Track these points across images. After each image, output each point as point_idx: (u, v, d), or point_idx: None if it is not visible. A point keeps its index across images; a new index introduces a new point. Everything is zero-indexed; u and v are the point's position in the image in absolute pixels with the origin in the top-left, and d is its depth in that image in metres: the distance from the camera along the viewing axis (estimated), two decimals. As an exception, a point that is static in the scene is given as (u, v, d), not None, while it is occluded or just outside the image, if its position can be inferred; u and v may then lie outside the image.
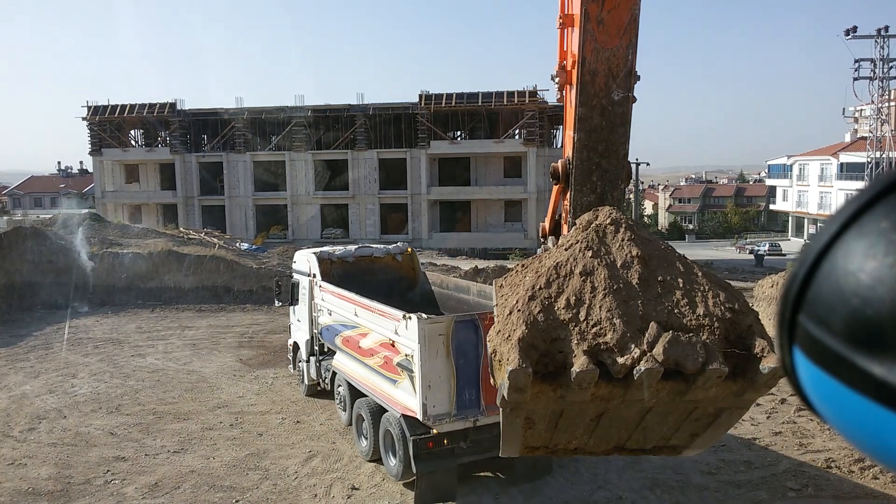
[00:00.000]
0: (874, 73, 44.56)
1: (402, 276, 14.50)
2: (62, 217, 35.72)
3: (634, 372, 3.28)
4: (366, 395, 11.15)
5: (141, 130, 57.04)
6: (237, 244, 38.81)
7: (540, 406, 3.52)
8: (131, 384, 16.25)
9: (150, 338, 21.50)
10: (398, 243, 15.16)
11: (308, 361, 14.43)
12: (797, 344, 0.67)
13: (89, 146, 53.52)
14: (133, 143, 56.95)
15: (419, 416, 9.12)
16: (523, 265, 4.10)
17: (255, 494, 10.31)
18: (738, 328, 3.45)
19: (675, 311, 3.45)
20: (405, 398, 9.56)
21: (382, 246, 14.95)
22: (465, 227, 50.85)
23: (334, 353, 12.93)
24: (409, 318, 9.11)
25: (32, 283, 26.68)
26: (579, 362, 3.30)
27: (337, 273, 13.75)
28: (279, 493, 10.32)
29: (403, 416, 9.55)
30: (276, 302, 16.13)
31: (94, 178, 58.50)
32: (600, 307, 3.38)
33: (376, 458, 10.88)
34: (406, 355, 9.33)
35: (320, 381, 14.01)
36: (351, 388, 11.99)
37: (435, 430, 9.21)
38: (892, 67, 44.57)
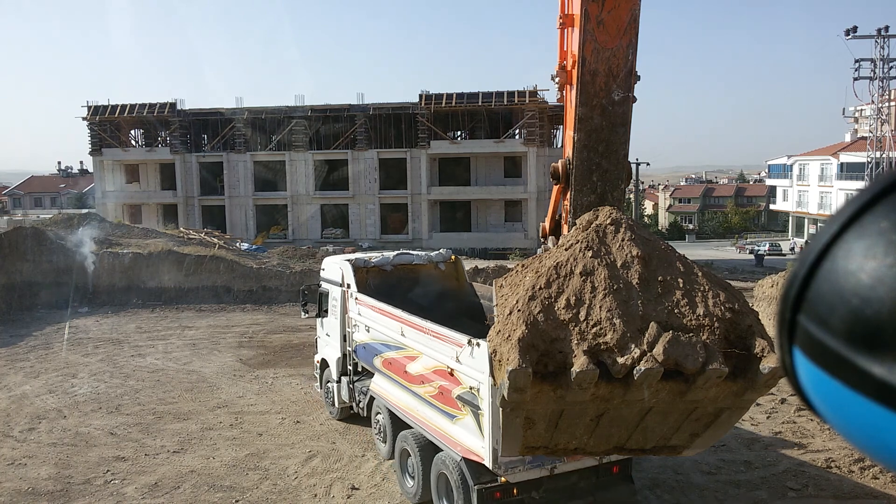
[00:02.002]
0: (874, 73, 44.55)
1: (445, 286, 12.78)
2: (62, 217, 35.73)
3: (634, 372, 3.28)
4: (412, 427, 9.86)
5: (141, 130, 57.03)
6: (237, 244, 38.81)
7: (540, 406, 3.52)
8: (131, 384, 16.25)
9: (150, 338, 21.50)
10: (441, 250, 13.60)
11: (339, 382, 13.01)
12: (797, 344, 0.67)
13: (89, 146, 53.50)
14: (133, 143, 56.95)
15: (487, 463, 7.82)
16: (523, 265, 4.10)
17: (255, 494, 10.31)
18: (738, 328, 3.45)
19: (676, 311, 3.44)
20: (467, 438, 8.22)
21: (423, 253, 13.52)
22: (465, 227, 50.85)
23: (371, 374, 11.65)
24: (478, 344, 7.64)
25: (32, 283, 26.68)
26: (579, 362, 3.30)
27: (373, 283, 12.29)
28: (279, 493, 10.32)
29: (465, 459, 8.29)
30: (303, 313, 14.49)
31: (94, 178, 58.50)
32: (600, 307, 3.38)
33: (427, 502, 9.53)
34: (470, 388, 8.00)
35: (354, 404, 12.60)
36: (393, 417, 10.63)
37: (503, 479, 7.97)
38: (892, 67, 44.56)
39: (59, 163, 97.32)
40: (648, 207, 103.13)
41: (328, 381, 13.72)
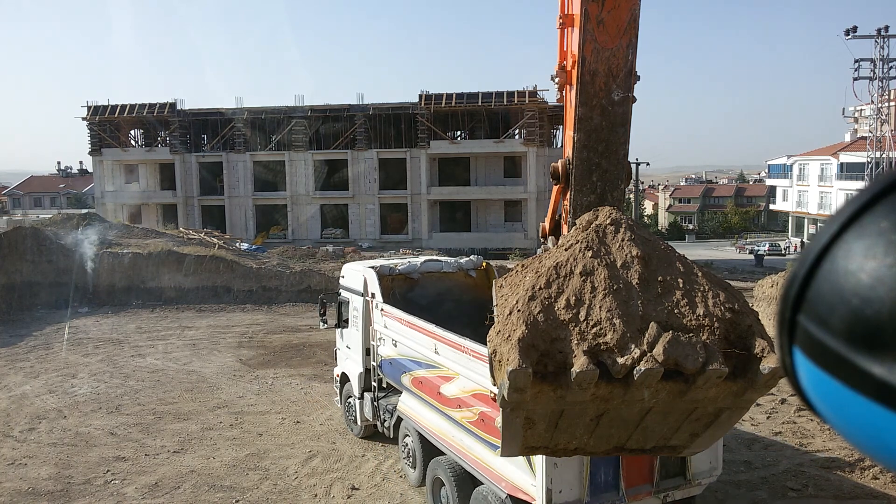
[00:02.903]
0: (874, 73, 44.54)
1: (477, 296, 11.50)
2: (62, 217, 35.72)
3: (634, 372, 3.28)
4: (446, 454, 9.06)
5: (141, 130, 57.00)
6: (237, 244, 38.80)
7: (540, 406, 3.52)
8: (131, 384, 16.25)
9: (150, 338, 21.50)
10: (472, 257, 12.72)
11: (361, 398, 12.11)
12: (797, 344, 0.67)
13: (89, 146, 53.47)
14: (133, 143, 56.93)
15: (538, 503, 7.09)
16: (523, 265, 4.10)
17: (255, 494, 10.31)
18: (738, 328, 3.45)
19: (675, 311, 3.44)
20: (514, 474, 7.50)
21: (453, 259, 12.62)
22: (464, 228, 50.84)
23: (399, 391, 10.90)
24: None
25: (32, 283, 26.68)
26: (579, 362, 3.30)
27: (399, 293, 11.46)
28: (279, 493, 10.32)
29: (511, 496, 7.57)
30: (321, 324, 13.72)
31: (93, 178, 58.47)
32: (600, 307, 3.38)
33: None
34: None
35: (378, 423, 11.76)
36: (424, 441, 9.80)
37: None
38: (892, 67, 44.56)
39: (59, 163, 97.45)
40: (648, 207, 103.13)
41: (349, 397, 12.76)
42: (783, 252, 52.71)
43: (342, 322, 12.87)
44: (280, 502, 10.08)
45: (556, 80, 4.50)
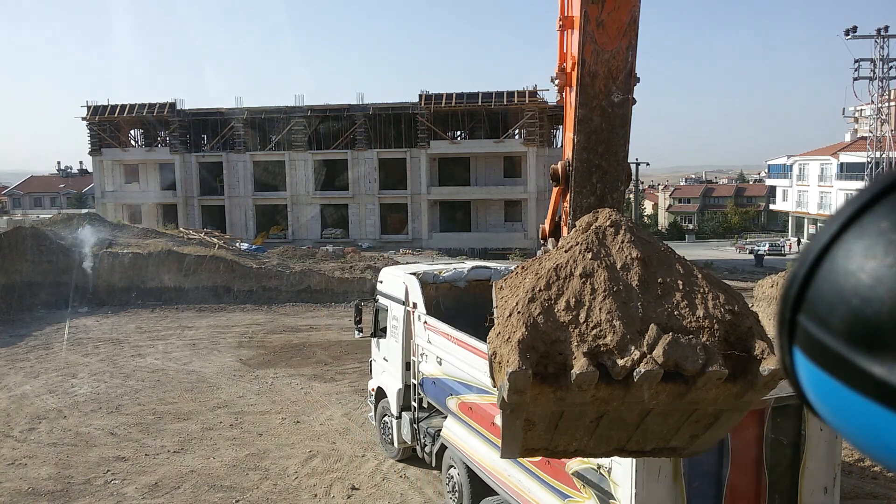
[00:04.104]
0: (874, 73, 44.55)
1: None
2: (62, 217, 35.73)
3: (634, 374, 3.28)
4: (500, 494, 8.08)
5: (140, 130, 57.02)
6: (237, 244, 38.80)
7: (540, 408, 3.52)
8: (131, 384, 16.25)
9: (150, 338, 21.50)
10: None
11: (399, 418, 11.10)
12: (797, 344, 0.67)
13: (89, 146, 53.48)
14: (133, 142, 56.95)
15: None
16: (523, 267, 4.10)
17: (255, 494, 10.31)
18: (738, 330, 3.46)
19: (675, 312, 3.45)
20: None
21: (503, 266, 11.66)
22: (464, 228, 50.85)
23: (442, 413, 9.91)
24: None
25: (32, 283, 26.68)
26: (579, 364, 3.30)
27: (444, 303, 10.62)
28: (279, 493, 10.33)
29: None
30: (356, 333, 12.65)
31: (93, 178, 58.48)
32: (600, 309, 3.38)
33: None
34: (598, 466, 6.30)
35: (417, 446, 10.71)
36: (473, 475, 8.76)
37: None
38: (892, 67, 44.57)
39: (59, 163, 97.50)
40: (648, 207, 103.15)
41: (385, 415, 11.71)
42: (781, 249, 52.73)
43: (378, 331, 11.92)
44: (280, 502, 10.08)
45: (556, 81, 4.51)
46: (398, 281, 11.11)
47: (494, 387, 3.58)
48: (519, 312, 3.45)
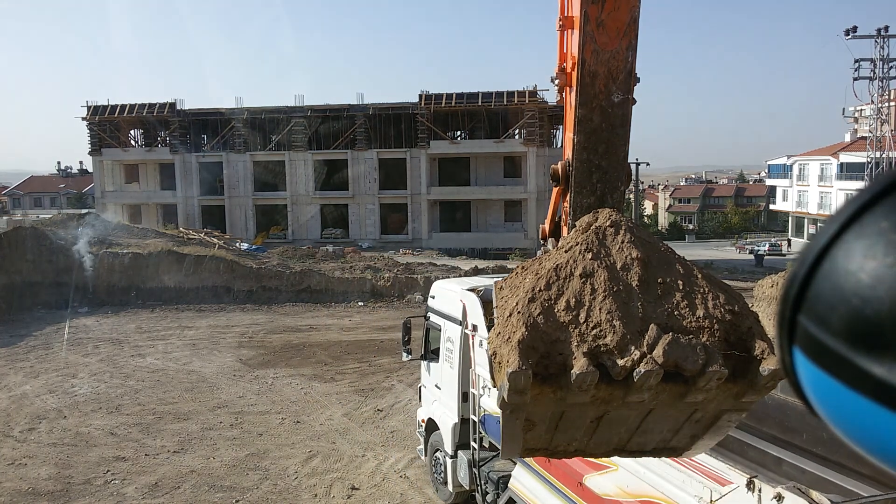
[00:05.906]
0: (874, 73, 44.55)
1: None
2: (62, 217, 35.73)
3: (634, 374, 3.28)
4: None
5: (141, 130, 57.02)
6: (237, 244, 38.81)
7: (540, 408, 3.52)
8: (131, 384, 16.25)
9: (150, 338, 21.50)
10: None
11: (455, 457, 9.60)
12: (797, 344, 0.67)
13: (89, 146, 53.48)
14: (133, 143, 56.94)
15: None
16: (523, 267, 4.10)
17: (255, 494, 10.31)
18: (738, 330, 3.46)
19: (675, 313, 3.45)
20: None
21: None
22: (464, 228, 50.85)
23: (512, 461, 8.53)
24: (782, 498, 4.97)
25: (32, 283, 26.69)
26: (579, 364, 3.30)
27: None
28: (279, 493, 10.33)
29: None
30: (405, 354, 11.05)
31: (93, 178, 58.48)
32: (600, 309, 3.38)
33: None
34: None
35: (477, 494, 9.24)
36: None
37: None
38: (892, 67, 44.58)
39: (59, 163, 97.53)
40: (648, 207, 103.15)
41: (437, 451, 10.22)
42: (780, 247, 52.76)
43: (429, 353, 10.53)
44: (280, 502, 10.08)
45: (556, 82, 4.51)
46: (454, 297, 9.67)
47: (494, 387, 3.58)
48: (519, 312, 3.45)
